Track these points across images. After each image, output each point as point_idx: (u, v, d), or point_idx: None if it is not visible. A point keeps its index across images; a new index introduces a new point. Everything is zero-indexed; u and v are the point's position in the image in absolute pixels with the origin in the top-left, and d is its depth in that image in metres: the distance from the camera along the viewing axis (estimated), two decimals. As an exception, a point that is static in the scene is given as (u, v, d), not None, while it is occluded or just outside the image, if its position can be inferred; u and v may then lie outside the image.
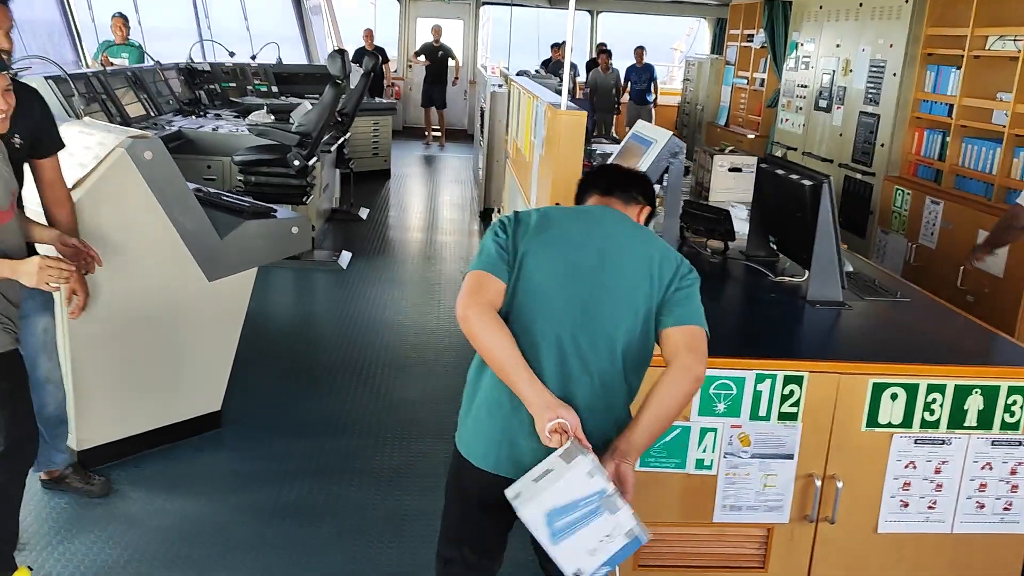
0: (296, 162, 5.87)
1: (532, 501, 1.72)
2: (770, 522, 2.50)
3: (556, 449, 1.76)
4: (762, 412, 2.42)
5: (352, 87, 7.09)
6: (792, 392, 2.41)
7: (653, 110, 11.66)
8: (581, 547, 1.71)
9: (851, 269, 3.41)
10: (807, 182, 2.97)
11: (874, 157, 6.37)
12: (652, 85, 11.79)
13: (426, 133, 13.16)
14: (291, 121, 6.32)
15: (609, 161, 3.79)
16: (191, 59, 8.23)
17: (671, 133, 3.14)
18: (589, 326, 1.86)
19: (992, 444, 2.47)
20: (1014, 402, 2.44)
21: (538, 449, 1.82)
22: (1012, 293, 4.75)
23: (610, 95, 11.32)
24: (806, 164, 7.41)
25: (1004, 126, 5.03)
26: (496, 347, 1.81)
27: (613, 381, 1.90)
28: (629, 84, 11.81)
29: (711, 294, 2.75)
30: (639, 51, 11.80)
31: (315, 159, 6.20)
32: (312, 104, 6.56)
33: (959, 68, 5.45)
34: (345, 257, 6.53)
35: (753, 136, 8.58)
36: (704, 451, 2.44)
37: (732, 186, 4.72)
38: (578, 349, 1.86)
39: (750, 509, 2.49)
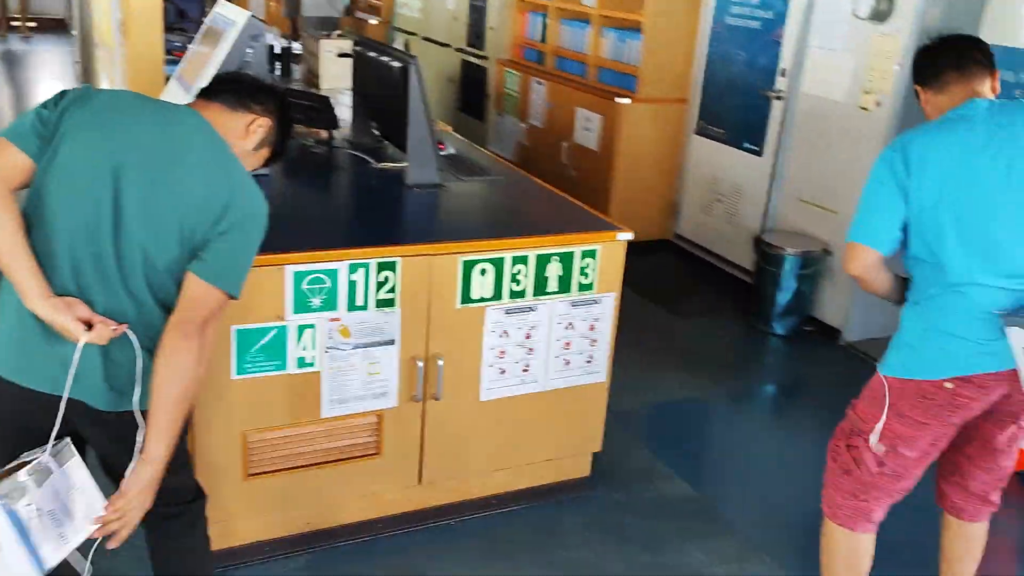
0: None
1: None
2: (379, 408, 2.52)
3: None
4: (359, 302, 2.38)
5: None
6: (387, 279, 2.40)
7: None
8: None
9: (453, 151, 3.47)
10: (396, 64, 2.92)
11: (486, 41, 6.55)
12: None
13: None
14: None
15: (192, 46, 3.44)
16: None
17: (250, 14, 2.90)
18: (119, 234, 1.65)
19: (573, 305, 2.68)
20: (587, 265, 2.65)
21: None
22: (605, 163, 5.21)
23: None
24: (426, 49, 7.47)
25: (593, 7, 5.39)
26: None
27: (145, 307, 1.70)
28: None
29: (315, 187, 2.62)
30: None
31: None
32: None
33: (551, -49, 5.70)
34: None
35: (376, 22, 8.44)
36: (304, 349, 2.36)
37: (342, 73, 4.57)
38: (100, 258, 1.64)
39: (358, 399, 2.48)
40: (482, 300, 2.54)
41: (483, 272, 2.51)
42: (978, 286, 1.98)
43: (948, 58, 2.10)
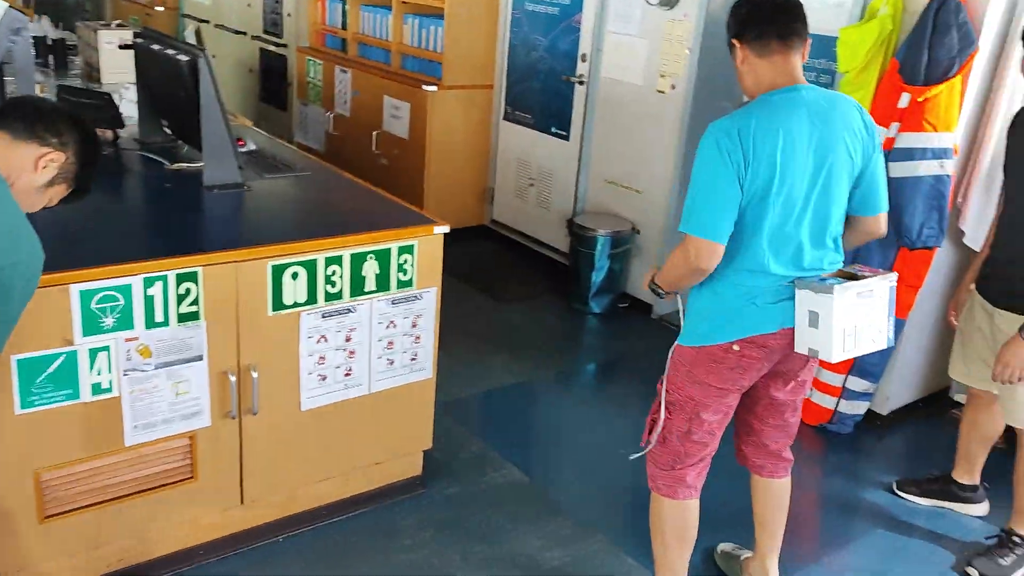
0: None
1: None
2: (191, 430, 2.35)
3: None
4: (159, 318, 2.20)
5: None
6: (189, 291, 2.23)
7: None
8: None
9: (254, 147, 3.29)
10: (183, 57, 2.72)
11: (283, 28, 6.29)
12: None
13: None
14: None
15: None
16: None
17: (7, 5, 2.60)
18: None
19: (392, 303, 2.61)
20: (405, 261, 2.58)
21: None
22: (417, 151, 5.14)
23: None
24: (220, 38, 7.08)
25: (392, -7, 5.28)
26: None
27: None
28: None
29: (101, 194, 2.39)
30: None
31: None
32: None
33: (346, -65, 5.53)
34: None
35: (163, 8, 7.90)
36: (99, 373, 2.16)
37: (126, 65, 4.22)
38: None
39: (165, 422, 2.30)
40: (296, 305, 2.42)
41: (295, 276, 2.39)
42: (772, 275, 2.11)
43: (775, 25, 2.04)
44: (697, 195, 2.04)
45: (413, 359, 2.72)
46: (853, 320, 2.10)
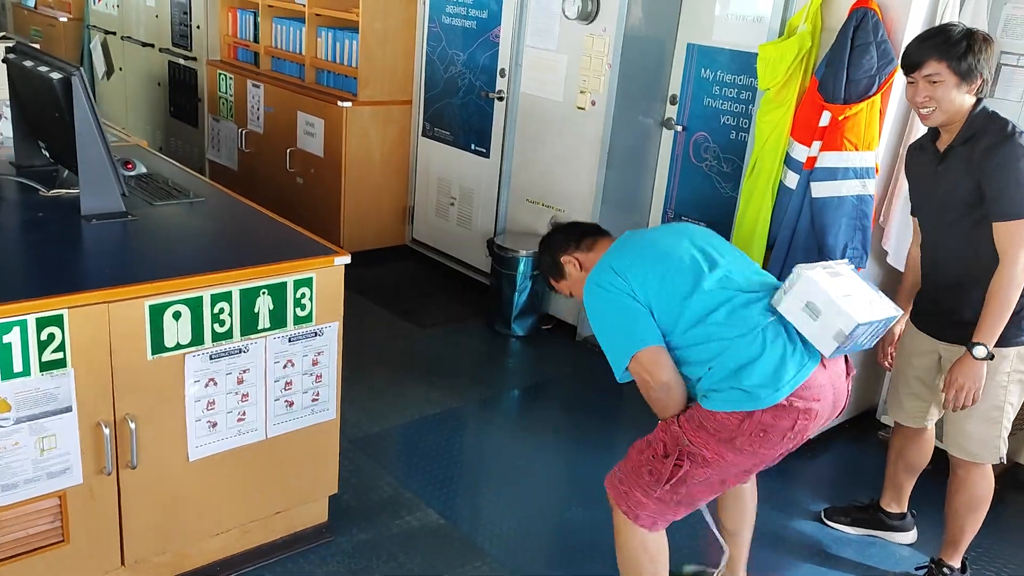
0: None
1: None
2: (60, 489, 2.12)
3: None
4: (18, 368, 1.97)
5: None
6: (53, 336, 2.00)
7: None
8: None
9: (144, 171, 3.06)
10: (56, 75, 2.48)
11: (193, 40, 6.01)
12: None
13: None
14: None
15: None
16: None
17: None
18: None
19: (290, 341, 2.41)
20: (303, 295, 2.39)
21: None
22: (332, 169, 4.94)
23: None
24: (127, 50, 6.76)
25: (304, 6, 5.07)
26: None
27: None
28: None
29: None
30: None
31: None
32: None
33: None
34: None
35: (66, 19, 7.51)
36: (-53, 433, 1.91)
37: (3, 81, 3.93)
38: None
39: (29, 482, 2.06)
40: (179, 347, 2.20)
41: (176, 316, 2.18)
42: (742, 293, 2.05)
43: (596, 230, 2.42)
44: (608, 329, 2.13)
45: (315, 399, 2.52)
46: (841, 290, 1.99)
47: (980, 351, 2.30)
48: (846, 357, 2.10)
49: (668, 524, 2.21)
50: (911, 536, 2.94)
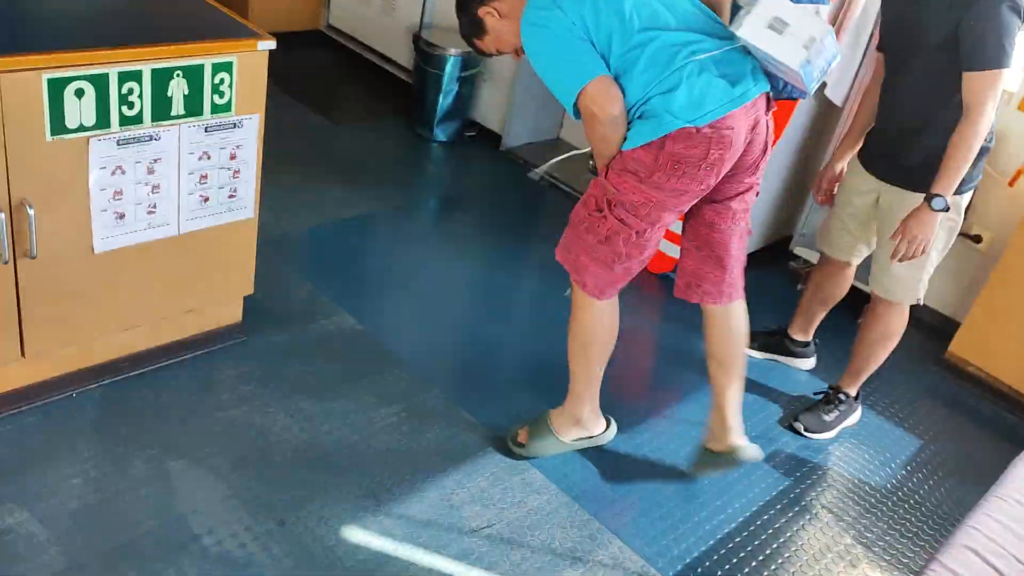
0: None
1: None
2: (-50, 276, 1.94)
3: None
4: None
5: None
6: (-66, 106, 1.75)
7: None
8: None
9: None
10: None
11: None
12: None
13: None
14: None
15: None
16: None
17: None
18: None
19: (207, 131, 2.21)
20: (222, 81, 2.16)
21: None
22: (242, -60, 4.44)
23: None
24: None
25: None
26: None
27: None
28: None
29: None
30: None
31: None
32: None
33: None
34: None
35: None
36: None
37: None
38: None
39: (-86, 268, 1.88)
40: (83, 129, 1.98)
41: (79, 93, 1.94)
42: (669, 32, 1.96)
43: None
44: (554, 67, 2.00)
45: (231, 196, 2.35)
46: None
47: (939, 203, 2.28)
48: (768, 98, 2.06)
49: (615, 291, 2.23)
50: (811, 363, 3.09)
